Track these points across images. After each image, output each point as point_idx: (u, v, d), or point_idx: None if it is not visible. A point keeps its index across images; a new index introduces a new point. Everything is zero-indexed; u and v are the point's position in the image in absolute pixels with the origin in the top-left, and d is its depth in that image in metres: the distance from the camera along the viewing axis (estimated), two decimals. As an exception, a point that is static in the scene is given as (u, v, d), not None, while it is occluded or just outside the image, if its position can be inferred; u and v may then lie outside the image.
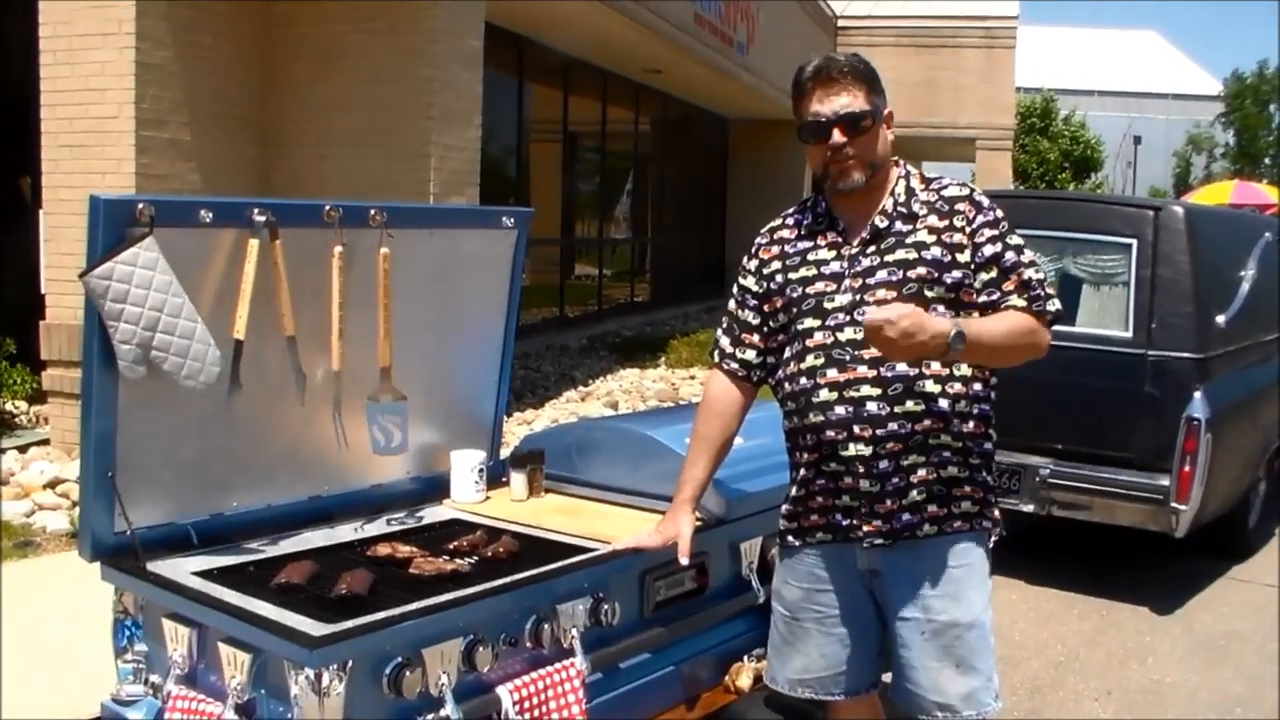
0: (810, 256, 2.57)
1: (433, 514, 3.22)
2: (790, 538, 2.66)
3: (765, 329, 2.66)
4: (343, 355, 2.84)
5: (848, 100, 2.46)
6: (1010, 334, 2.43)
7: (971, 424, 2.50)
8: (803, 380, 2.52)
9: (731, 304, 2.74)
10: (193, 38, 7.24)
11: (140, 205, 2.47)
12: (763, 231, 2.73)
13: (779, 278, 2.60)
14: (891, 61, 21.38)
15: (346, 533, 2.98)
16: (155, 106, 6.93)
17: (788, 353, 2.60)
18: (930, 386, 2.45)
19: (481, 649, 2.37)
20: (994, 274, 2.47)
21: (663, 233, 18.76)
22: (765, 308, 2.64)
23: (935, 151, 24.42)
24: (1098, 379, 5.50)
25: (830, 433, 2.48)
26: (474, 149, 8.47)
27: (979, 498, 2.53)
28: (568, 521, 3.09)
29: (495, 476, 3.41)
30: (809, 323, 2.53)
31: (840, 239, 2.55)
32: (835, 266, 2.53)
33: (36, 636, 4.24)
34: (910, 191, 2.55)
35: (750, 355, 2.69)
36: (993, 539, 2.59)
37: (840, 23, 23.78)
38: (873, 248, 2.51)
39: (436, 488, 3.33)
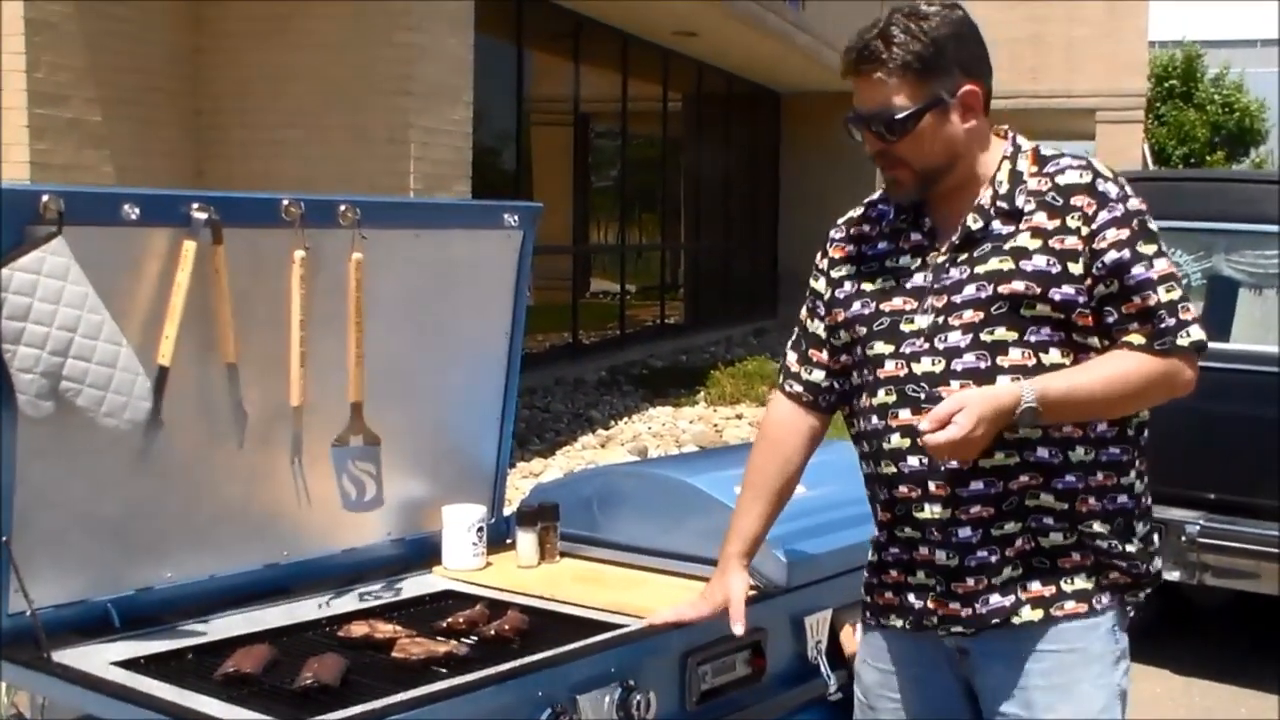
0: (889, 263, 2.55)
1: (420, 584, 3.23)
2: (867, 614, 2.67)
3: (831, 344, 2.65)
4: (305, 387, 2.87)
5: (882, 95, 2.41)
6: (1113, 384, 2.36)
7: (1094, 475, 2.43)
8: (874, 419, 2.51)
9: (803, 311, 2.74)
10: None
11: (46, 197, 2.49)
12: (839, 223, 2.71)
13: (848, 285, 2.59)
14: (986, 13, 21.28)
15: (311, 609, 3.00)
16: (53, 78, 6.93)
17: (857, 379, 2.59)
18: (1026, 430, 2.38)
19: (484, 752, 2.39)
20: (1114, 289, 2.39)
21: (699, 237, 18.83)
22: (828, 320, 2.65)
23: (1043, 127, 24.36)
24: (1260, 408, 5.46)
25: (903, 488, 2.46)
26: (464, 133, 8.53)
27: (1093, 564, 2.45)
28: (589, 592, 3.11)
29: (498, 537, 3.43)
30: (879, 348, 2.50)
31: (925, 241, 2.52)
32: (919, 279, 2.49)
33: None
34: (1016, 178, 2.47)
35: (818, 376, 2.68)
36: (1126, 616, 2.53)
37: (922, -33, 23.81)
38: (964, 255, 2.45)
39: (424, 552, 3.34)
